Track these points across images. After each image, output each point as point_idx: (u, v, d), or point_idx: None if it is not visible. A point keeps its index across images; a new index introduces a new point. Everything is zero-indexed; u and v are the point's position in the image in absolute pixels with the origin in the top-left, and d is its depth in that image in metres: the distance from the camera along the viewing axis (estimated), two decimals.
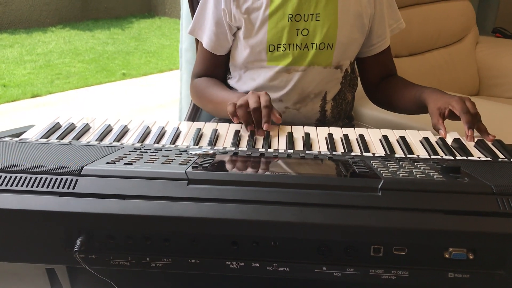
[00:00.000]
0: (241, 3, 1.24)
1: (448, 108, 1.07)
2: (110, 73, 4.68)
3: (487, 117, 1.09)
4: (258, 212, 0.65)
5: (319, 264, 0.66)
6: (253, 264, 0.66)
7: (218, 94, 1.27)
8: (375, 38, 1.33)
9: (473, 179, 0.70)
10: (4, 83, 4.23)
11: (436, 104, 1.10)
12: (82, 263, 0.65)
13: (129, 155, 0.79)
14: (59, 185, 0.68)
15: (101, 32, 6.18)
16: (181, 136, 1.01)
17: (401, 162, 0.80)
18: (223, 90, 1.29)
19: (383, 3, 1.31)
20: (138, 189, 0.67)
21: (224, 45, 1.31)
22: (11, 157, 0.76)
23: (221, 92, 1.27)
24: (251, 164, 0.82)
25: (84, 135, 0.98)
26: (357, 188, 0.68)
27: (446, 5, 2.29)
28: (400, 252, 0.65)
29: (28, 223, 0.66)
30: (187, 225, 0.65)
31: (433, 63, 2.23)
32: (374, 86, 1.40)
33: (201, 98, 1.34)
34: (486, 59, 2.41)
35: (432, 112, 1.11)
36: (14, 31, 5.94)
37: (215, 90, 1.29)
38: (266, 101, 1.04)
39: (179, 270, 0.67)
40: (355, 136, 1.02)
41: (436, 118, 1.08)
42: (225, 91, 1.28)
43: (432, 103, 1.12)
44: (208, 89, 1.31)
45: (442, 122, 1.07)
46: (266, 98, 1.05)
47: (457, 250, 0.64)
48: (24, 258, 0.68)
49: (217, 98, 1.26)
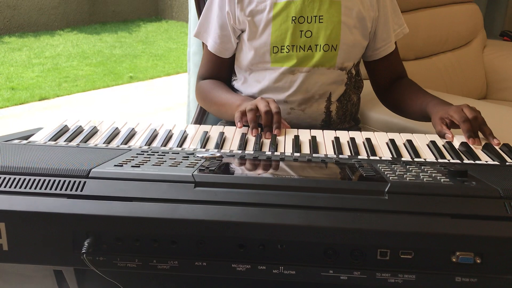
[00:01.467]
0: (245, 6, 1.26)
1: (448, 118, 1.08)
2: (117, 76, 4.70)
3: (495, 120, 1.08)
4: (264, 215, 0.65)
5: (326, 267, 0.66)
6: (260, 267, 0.66)
7: (221, 96, 1.29)
8: (379, 42, 1.33)
9: (480, 183, 0.70)
10: (13, 86, 4.26)
11: (437, 115, 1.12)
12: (90, 265, 0.66)
13: (137, 158, 0.79)
14: (67, 187, 0.68)
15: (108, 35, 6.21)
16: (188, 139, 1.01)
17: (408, 166, 0.80)
18: (226, 92, 1.30)
19: (387, 7, 1.32)
20: (145, 192, 0.68)
21: (228, 48, 1.33)
22: (20, 159, 0.77)
23: (225, 95, 1.29)
24: (258, 167, 0.82)
25: (92, 138, 0.99)
26: (364, 191, 0.68)
27: (453, 8, 2.28)
28: (407, 255, 0.65)
29: (36, 225, 0.66)
30: (194, 227, 0.65)
31: (440, 66, 2.22)
32: (384, 89, 1.41)
33: (205, 100, 1.37)
34: (493, 62, 2.40)
35: (435, 123, 1.13)
36: (23, 34, 5.98)
37: (219, 92, 1.31)
38: (277, 107, 1.07)
39: (185, 273, 0.67)
40: (362, 140, 1.01)
41: (440, 126, 1.09)
42: (228, 94, 1.30)
43: (434, 115, 1.14)
44: (212, 91, 1.33)
45: (446, 128, 1.07)
46: (276, 105, 1.08)
47: (464, 254, 0.64)
48: (32, 260, 0.68)
49: (221, 100, 1.28)
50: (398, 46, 1.38)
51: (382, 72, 1.39)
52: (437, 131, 1.10)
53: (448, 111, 1.10)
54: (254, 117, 1.06)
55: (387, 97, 1.42)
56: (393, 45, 1.36)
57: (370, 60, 1.38)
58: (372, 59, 1.37)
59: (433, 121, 1.14)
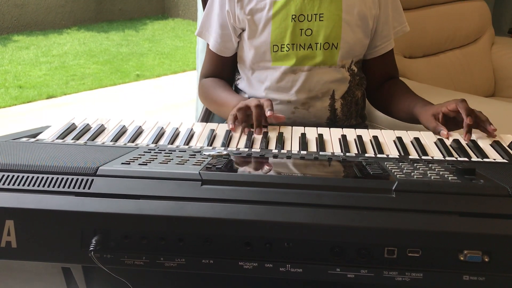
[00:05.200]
0: (245, 5, 1.26)
1: (441, 112, 1.07)
2: (124, 75, 4.71)
3: (503, 118, 1.08)
4: (271, 213, 0.65)
5: (333, 265, 0.65)
6: (266, 265, 0.66)
7: (221, 95, 1.30)
8: (379, 40, 1.33)
9: (488, 181, 0.70)
10: (20, 84, 4.28)
11: (428, 112, 1.11)
12: (98, 263, 0.66)
13: (144, 156, 0.79)
14: (75, 185, 0.69)
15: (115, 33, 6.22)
16: (194, 137, 1.01)
17: (416, 164, 0.80)
18: (225, 91, 1.31)
19: (388, 4, 1.31)
20: (153, 190, 0.68)
21: (229, 47, 1.33)
22: (28, 157, 0.77)
23: (223, 94, 1.30)
24: (265, 165, 0.82)
25: (99, 136, 0.99)
26: (371, 189, 0.68)
27: (461, 5, 2.27)
28: (414, 254, 0.64)
29: (45, 222, 0.67)
30: (201, 225, 0.65)
31: (448, 64, 2.21)
32: (374, 88, 1.40)
33: (206, 99, 1.38)
34: (502, 60, 2.38)
35: (427, 120, 1.11)
36: (30, 33, 6.01)
37: (218, 91, 1.32)
38: (270, 105, 1.06)
39: (192, 270, 0.67)
40: (369, 138, 1.01)
41: (433, 123, 1.08)
42: (227, 93, 1.30)
43: (424, 114, 1.13)
44: (213, 90, 1.34)
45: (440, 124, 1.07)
46: (270, 102, 1.07)
47: (472, 252, 0.63)
48: (40, 257, 0.68)
49: (220, 100, 1.29)
50: (405, 44, 1.37)
51: (376, 70, 1.38)
52: (432, 128, 1.09)
53: (441, 106, 1.08)
54: (244, 116, 1.06)
55: (376, 96, 1.41)
56: (392, 43, 1.35)
57: (367, 58, 1.36)
58: (369, 57, 1.36)
59: (424, 118, 1.12)
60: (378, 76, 1.38)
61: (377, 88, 1.39)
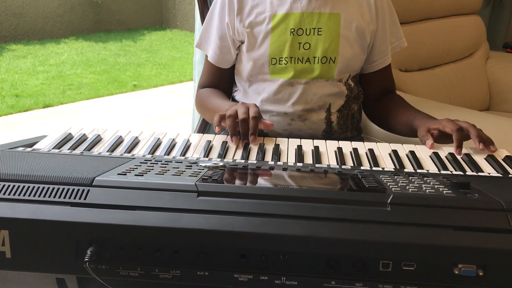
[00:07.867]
0: (245, 18, 1.27)
1: (437, 128, 1.08)
2: (121, 85, 4.72)
3: (498, 132, 1.08)
4: (267, 225, 0.65)
5: (328, 278, 0.65)
6: (262, 277, 0.66)
7: (214, 102, 1.30)
8: (377, 55, 1.34)
9: (483, 195, 0.70)
10: (17, 93, 4.28)
11: (425, 126, 1.12)
12: (92, 273, 0.66)
13: (140, 167, 0.79)
14: (71, 196, 0.69)
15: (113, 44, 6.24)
16: (191, 148, 1.01)
17: (411, 177, 0.80)
18: (219, 99, 1.31)
19: (386, 20, 1.32)
20: (149, 201, 0.68)
21: (228, 59, 1.34)
22: (24, 167, 0.77)
23: (216, 101, 1.30)
24: (261, 177, 0.82)
25: (95, 146, 0.99)
26: (366, 202, 0.68)
27: (456, 20, 2.29)
28: (409, 267, 0.64)
29: (39, 232, 0.66)
30: (196, 237, 0.65)
31: (443, 78, 2.22)
32: (372, 103, 1.41)
33: (201, 107, 1.38)
34: (496, 74, 2.40)
35: (420, 131, 1.12)
36: (28, 42, 6.03)
37: (212, 99, 1.32)
38: (255, 112, 1.05)
39: (187, 282, 0.67)
40: (365, 150, 1.02)
41: (424, 132, 1.09)
42: (219, 100, 1.30)
43: (422, 126, 1.13)
44: (208, 98, 1.34)
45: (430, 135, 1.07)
46: (255, 109, 1.06)
47: (467, 266, 0.64)
48: (34, 267, 0.68)
49: (213, 107, 1.29)
50: (401, 58, 1.38)
51: (374, 85, 1.39)
52: (420, 137, 1.10)
53: (439, 121, 1.09)
54: (233, 123, 1.04)
55: (373, 111, 1.42)
56: (389, 59, 1.36)
57: (364, 72, 1.37)
58: (366, 72, 1.37)
59: (420, 132, 1.13)
60: (376, 90, 1.39)
61: (374, 102, 1.40)
